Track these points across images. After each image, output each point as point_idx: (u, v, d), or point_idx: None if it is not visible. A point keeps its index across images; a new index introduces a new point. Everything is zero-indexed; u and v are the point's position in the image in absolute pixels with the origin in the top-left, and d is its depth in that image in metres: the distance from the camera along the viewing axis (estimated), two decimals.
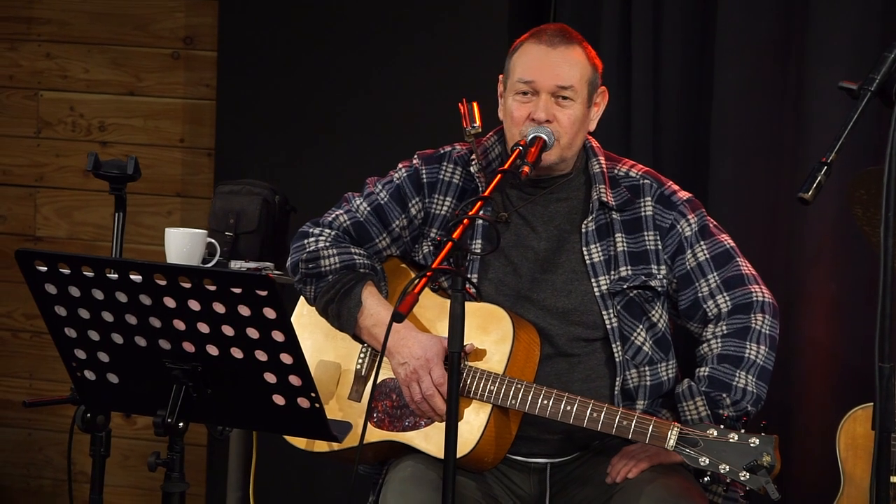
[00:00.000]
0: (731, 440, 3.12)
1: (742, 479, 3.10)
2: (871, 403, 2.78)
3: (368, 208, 3.50)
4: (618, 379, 3.38)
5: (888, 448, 2.69)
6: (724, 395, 3.32)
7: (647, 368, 3.40)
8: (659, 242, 3.42)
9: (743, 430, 3.14)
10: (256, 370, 2.78)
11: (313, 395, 2.78)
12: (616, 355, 3.38)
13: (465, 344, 3.12)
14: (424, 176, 3.50)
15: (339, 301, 3.42)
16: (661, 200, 3.45)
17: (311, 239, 3.50)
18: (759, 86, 4.37)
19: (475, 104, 3.43)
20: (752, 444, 3.11)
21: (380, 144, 4.65)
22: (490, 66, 3.55)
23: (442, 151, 3.54)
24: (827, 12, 4.27)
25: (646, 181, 3.46)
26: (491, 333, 3.33)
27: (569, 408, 3.24)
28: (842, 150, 2.69)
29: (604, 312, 3.38)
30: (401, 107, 4.70)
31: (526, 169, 3.22)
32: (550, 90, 3.34)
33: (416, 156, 3.55)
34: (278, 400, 2.80)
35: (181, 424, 2.82)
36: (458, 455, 3.10)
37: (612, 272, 3.39)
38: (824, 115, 4.24)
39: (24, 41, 5.19)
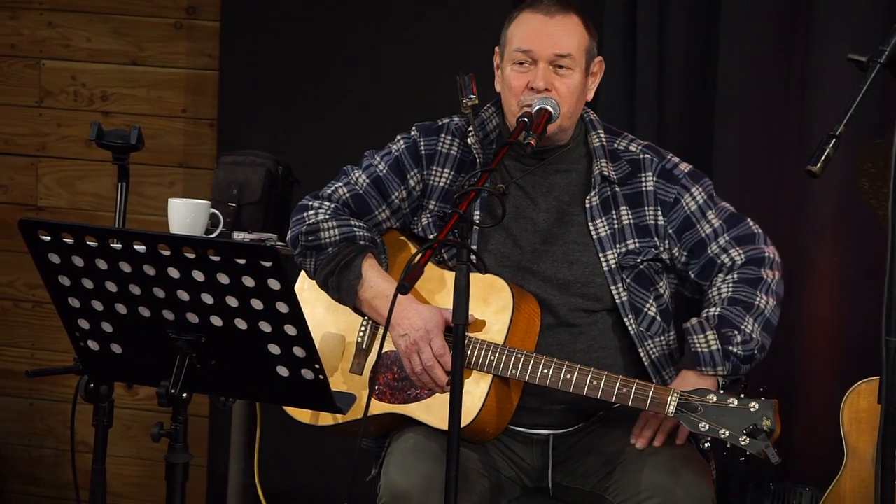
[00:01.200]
0: (730, 405, 3.12)
1: (742, 443, 3.11)
2: (875, 377, 2.78)
3: (367, 180, 3.50)
4: (640, 351, 3.39)
5: (894, 422, 2.68)
6: (735, 332, 3.32)
7: (661, 339, 3.41)
8: (661, 217, 3.42)
9: (743, 395, 3.14)
10: (260, 341, 2.77)
11: (317, 366, 2.78)
12: (630, 328, 3.38)
13: None
14: (423, 148, 3.50)
15: (338, 273, 3.41)
16: (662, 174, 3.44)
17: (311, 212, 3.49)
18: (764, 57, 4.36)
19: (472, 77, 3.42)
20: (751, 409, 3.11)
21: (383, 116, 4.63)
22: (493, 41, 3.53)
23: (440, 123, 3.54)
24: None
25: (646, 155, 3.46)
26: (491, 304, 3.33)
27: (569, 376, 3.24)
28: (850, 122, 2.67)
29: (612, 287, 3.38)
30: (404, 79, 4.69)
31: (532, 141, 3.22)
32: (549, 59, 3.34)
33: (414, 127, 3.55)
34: (282, 371, 2.80)
35: (185, 395, 2.82)
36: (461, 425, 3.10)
37: (619, 245, 3.39)
38: (830, 88, 4.22)
39: (25, 10, 5.17)
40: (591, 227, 3.40)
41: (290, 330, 2.75)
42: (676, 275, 3.47)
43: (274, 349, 2.78)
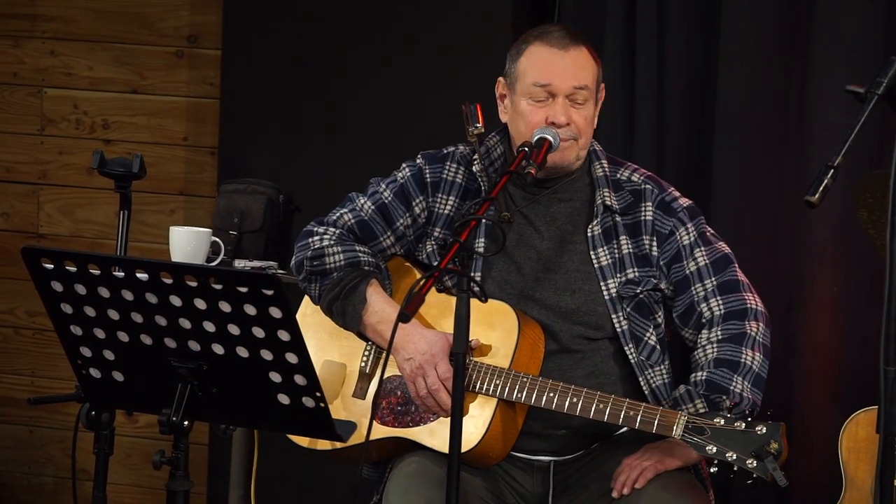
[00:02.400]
0: (738, 428, 3.13)
1: (749, 466, 3.11)
2: (874, 407, 2.78)
3: (373, 207, 3.51)
4: (641, 379, 3.40)
5: (892, 452, 2.69)
6: (724, 398, 3.33)
7: (661, 367, 3.42)
8: (655, 247, 3.44)
9: (750, 419, 3.14)
10: (262, 369, 2.78)
11: (318, 394, 2.78)
12: (631, 357, 3.39)
13: (470, 340, 3.13)
14: (428, 175, 3.51)
15: (343, 298, 3.43)
16: (661, 206, 3.46)
17: (316, 238, 3.51)
18: (763, 87, 4.38)
19: (478, 105, 3.44)
20: (759, 432, 3.12)
21: (384, 144, 4.65)
22: (494, 67, 3.55)
23: (445, 151, 3.56)
24: (831, 15, 4.27)
25: (647, 186, 3.48)
26: (496, 329, 3.34)
27: (575, 400, 3.25)
28: (848, 153, 2.69)
29: (613, 316, 3.39)
30: (405, 107, 4.71)
31: (532, 170, 3.23)
32: (567, 92, 3.36)
33: (419, 155, 3.57)
34: (283, 399, 2.80)
35: (186, 423, 2.82)
36: (464, 450, 3.12)
37: (619, 274, 3.41)
38: (828, 118, 4.24)
39: (28, 38, 5.19)
40: (593, 256, 3.42)
41: (292, 358, 2.76)
42: (666, 309, 3.49)
43: (275, 377, 2.79)
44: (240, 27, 4.88)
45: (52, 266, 2.80)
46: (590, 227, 3.43)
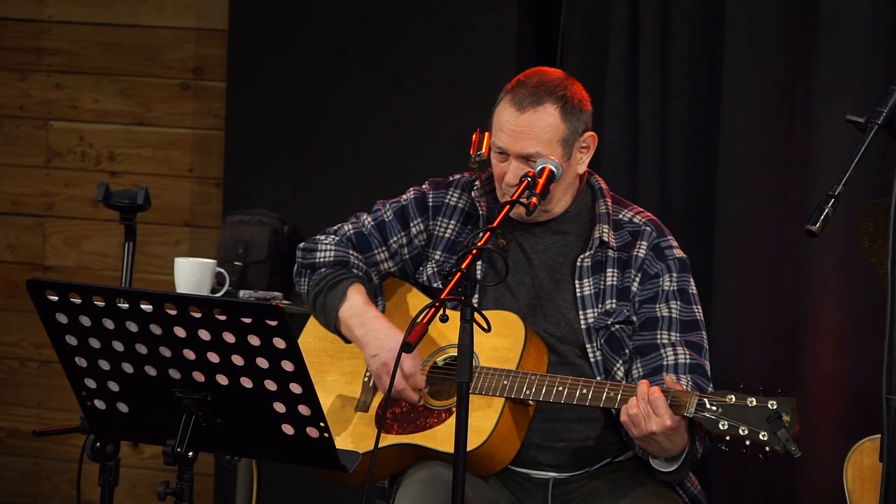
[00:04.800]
0: (749, 404, 3.13)
1: (762, 439, 3.10)
2: (879, 435, 2.78)
3: (373, 223, 3.62)
4: (613, 410, 3.40)
5: None
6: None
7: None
8: (637, 284, 3.46)
9: (761, 394, 3.14)
10: (266, 400, 2.79)
11: (322, 424, 2.79)
12: None
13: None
14: (431, 200, 3.59)
15: (325, 293, 3.53)
16: (654, 249, 3.48)
17: (315, 242, 3.64)
18: (766, 118, 4.39)
19: (487, 133, 3.47)
20: (770, 406, 3.12)
21: (387, 175, 4.66)
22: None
23: (451, 179, 3.63)
24: (833, 46, 4.28)
25: (647, 228, 3.50)
26: (504, 337, 3.38)
27: (585, 391, 3.27)
28: (849, 182, 2.70)
29: (588, 346, 3.42)
30: (408, 137, 4.72)
31: (534, 200, 3.25)
32: (517, 155, 3.38)
33: (427, 182, 3.65)
34: (287, 429, 2.81)
35: (191, 454, 2.82)
36: (470, 448, 3.16)
37: (599, 306, 3.43)
38: (831, 148, 4.25)
39: (34, 71, 5.22)
40: (577, 285, 3.45)
41: (296, 388, 2.76)
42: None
43: (279, 407, 2.79)
44: (245, 59, 4.90)
45: (56, 298, 2.81)
46: (581, 257, 3.45)
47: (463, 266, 3.02)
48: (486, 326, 3.02)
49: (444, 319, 2.98)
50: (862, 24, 4.26)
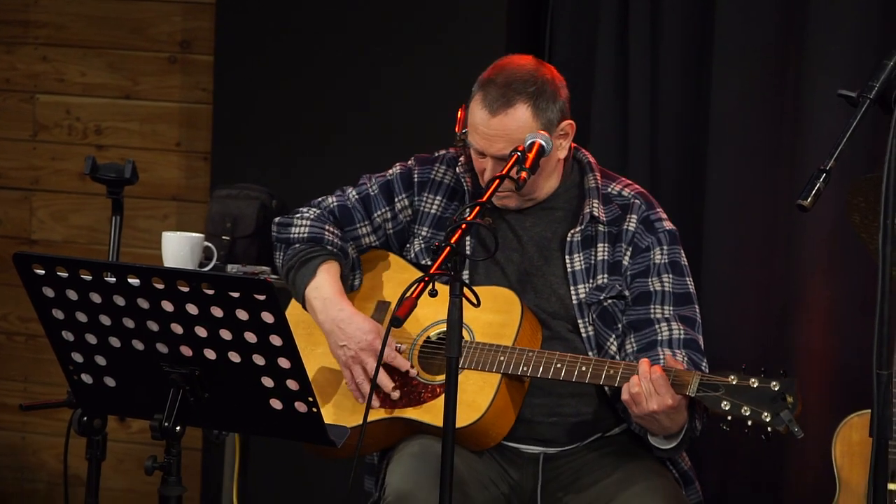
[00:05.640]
0: (752, 384, 3.13)
1: (764, 419, 3.11)
2: (867, 410, 2.78)
3: (357, 196, 3.62)
4: (607, 390, 3.40)
5: (885, 455, 2.69)
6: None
7: None
8: (628, 258, 3.45)
9: (763, 375, 3.14)
10: (254, 374, 2.78)
11: (311, 399, 2.78)
12: None
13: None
14: (416, 175, 3.58)
15: (296, 269, 3.54)
16: (644, 222, 3.47)
17: (297, 214, 3.63)
18: (756, 93, 4.38)
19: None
20: (773, 387, 3.12)
21: (376, 149, 4.64)
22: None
23: (436, 154, 3.62)
24: (824, 20, 4.27)
25: (636, 201, 3.49)
26: (499, 313, 3.38)
27: (584, 368, 3.27)
28: (840, 157, 2.69)
29: (580, 321, 3.42)
30: (398, 112, 4.71)
31: (524, 175, 3.23)
32: (495, 155, 3.37)
33: (412, 158, 3.64)
34: (276, 404, 2.80)
35: (178, 428, 2.82)
36: (466, 424, 3.20)
37: (591, 281, 3.42)
38: (822, 123, 4.24)
39: (20, 44, 5.19)
40: (567, 261, 3.44)
41: (284, 363, 2.76)
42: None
43: (267, 382, 2.78)
44: (232, 33, 4.88)
45: (43, 272, 2.80)
46: (571, 232, 3.45)
47: (452, 241, 3.01)
48: (475, 301, 3.02)
49: (434, 294, 2.97)
50: None
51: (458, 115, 3.52)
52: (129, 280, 2.76)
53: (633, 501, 3.30)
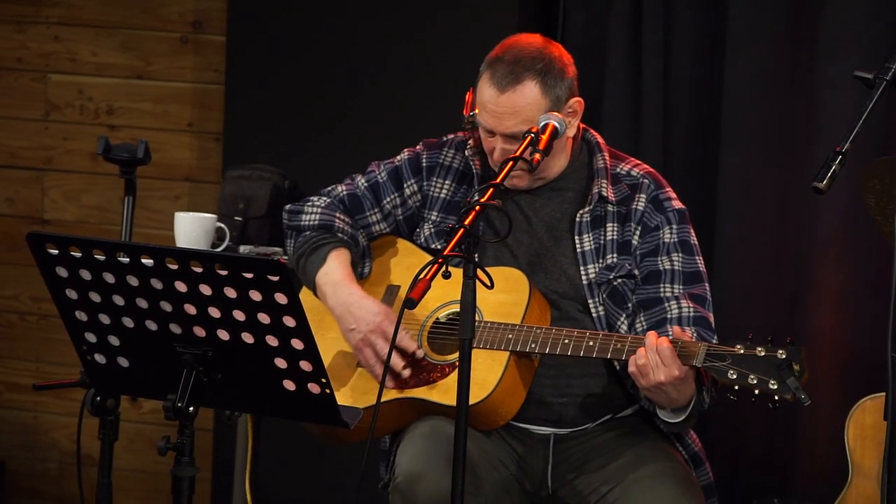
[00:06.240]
0: (758, 353, 3.13)
1: (772, 387, 3.10)
2: (880, 393, 2.78)
3: (366, 184, 3.62)
4: (616, 364, 3.40)
5: None
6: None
7: None
8: (637, 237, 3.45)
9: (770, 344, 3.14)
10: (267, 355, 2.78)
11: (324, 380, 2.78)
12: None
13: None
14: (425, 160, 3.59)
15: (307, 255, 3.55)
16: (653, 201, 3.47)
17: (308, 202, 3.64)
18: (770, 75, 4.37)
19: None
20: (780, 356, 3.11)
21: (388, 130, 4.64)
22: None
23: (444, 139, 3.63)
24: (838, 6, 4.26)
25: (645, 181, 3.49)
26: (508, 292, 3.38)
27: (591, 343, 3.27)
28: (856, 139, 2.68)
29: (590, 301, 3.42)
30: (410, 93, 4.70)
31: (537, 156, 3.23)
32: (505, 134, 3.37)
33: (420, 143, 3.64)
34: (289, 385, 2.80)
35: (191, 409, 2.82)
36: (475, 401, 3.18)
37: (600, 260, 3.42)
38: (835, 105, 4.24)
39: (32, 24, 5.19)
40: (577, 241, 3.45)
41: (297, 344, 2.75)
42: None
43: (280, 363, 2.78)
44: (245, 13, 4.87)
45: (56, 251, 2.80)
46: (580, 213, 3.45)
47: (466, 222, 3.01)
48: (488, 283, 3.01)
49: (447, 276, 2.97)
50: None
51: (466, 98, 3.52)
52: (143, 260, 2.76)
53: (644, 483, 3.30)
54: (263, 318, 2.74)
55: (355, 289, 3.47)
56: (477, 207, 3.05)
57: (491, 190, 3.13)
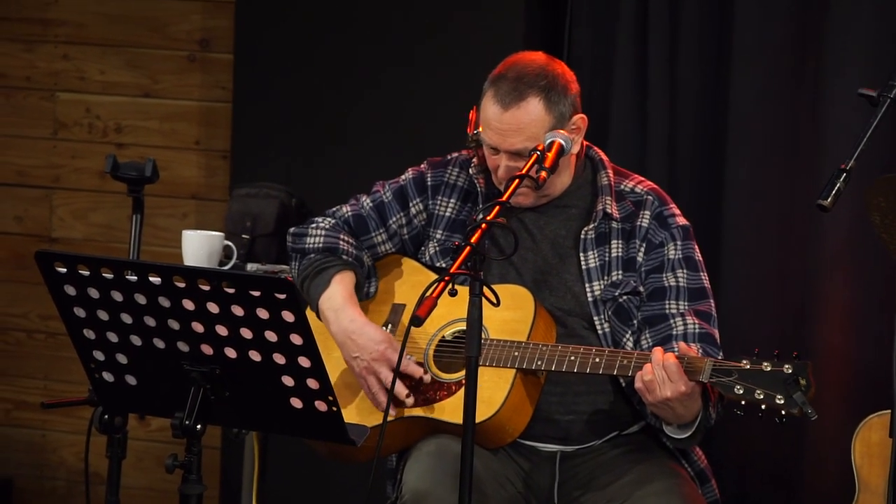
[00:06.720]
0: (765, 368, 3.13)
1: (778, 402, 3.10)
2: (887, 411, 2.78)
3: (371, 205, 3.62)
4: (621, 381, 3.40)
5: None
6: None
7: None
8: (642, 254, 3.46)
9: (776, 359, 3.14)
10: (274, 373, 2.79)
11: (331, 398, 2.79)
12: None
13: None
14: (429, 179, 3.59)
15: (311, 278, 3.55)
16: (657, 218, 3.48)
17: (313, 224, 3.63)
18: (775, 90, 4.37)
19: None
20: (786, 370, 3.11)
21: (394, 148, 4.65)
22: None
23: (449, 157, 3.64)
24: (844, 18, 4.26)
25: (649, 197, 3.50)
26: (513, 310, 3.38)
27: (597, 360, 3.28)
28: (860, 156, 2.69)
29: (595, 318, 3.43)
30: (415, 110, 4.71)
31: (543, 174, 3.24)
32: (507, 152, 3.38)
33: (425, 162, 3.65)
34: (296, 403, 2.81)
35: (199, 427, 2.83)
36: (481, 419, 3.18)
37: (605, 278, 3.43)
38: (840, 121, 4.24)
39: (40, 42, 5.20)
40: (582, 258, 3.45)
41: (304, 362, 2.76)
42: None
43: (288, 381, 2.79)
44: (251, 31, 4.88)
45: (65, 270, 2.81)
46: (584, 229, 3.45)
47: (473, 240, 3.01)
48: (495, 301, 3.02)
49: (453, 294, 2.98)
50: None
51: (470, 117, 3.53)
52: (151, 278, 2.77)
53: (650, 500, 3.30)
54: (270, 335, 2.75)
55: (357, 315, 3.47)
56: (483, 225, 3.06)
57: (497, 208, 3.14)
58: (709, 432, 3.37)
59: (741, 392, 3.14)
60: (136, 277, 2.77)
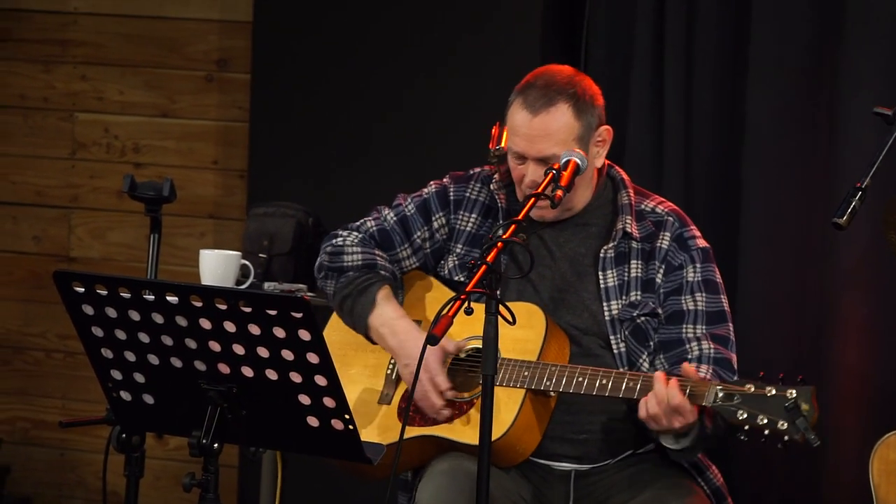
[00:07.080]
0: (768, 393, 3.12)
1: (781, 428, 3.09)
2: None
3: (395, 218, 3.62)
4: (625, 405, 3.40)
5: None
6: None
7: None
8: (661, 275, 3.46)
9: (780, 384, 3.13)
10: (291, 392, 2.79)
11: (347, 416, 2.79)
12: None
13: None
14: (452, 193, 3.60)
15: (354, 297, 3.53)
16: (678, 240, 3.48)
17: (339, 239, 3.62)
18: (791, 109, 4.37)
19: (506, 128, 3.47)
20: (789, 395, 3.11)
21: (411, 166, 4.66)
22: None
23: (471, 172, 3.64)
24: (859, 37, 4.26)
25: (669, 218, 3.50)
26: (525, 328, 3.38)
27: (605, 381, 3.27)
28: (876, 175, 2.69)
29: (611, 337, 3.43)
30: (433, 129, 4.72)
31: (559, 193, 3.25)
32: (535, 158, 3.39)
33: (447, 176, 3.66)
34: (312, 422, 2.81)
35: (216, 445, 2.83)
36: (492, 438, 3.12)
37: (623, 297, 3.43)
38: (857, 138, 4.23)
39: (59, 63, 5.23)
40: (601, 277, 3.46)
41: (321, 380, 2.77)
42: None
43: (304, 399, 2.80)
44: (268, 51, 4.90)
45: (83, 289, 2.82)
46: (604, 248, 3.46)
47: (489, 258, 3.02)
48: (510, 319, 3.02)
49: (469, 312, 2.98)
50: (888, 14, 4.25)
51: (493, 132, 3.54)
52: (168, 298, 2.78)
53: None
54: (287, 354, 2.76)
55: (412, 328, 3.47)
56: (499, 244, 3.07)
57: (514, 226, 3.15)
58: (708, 442, 3.35)
59: (744, 417, 3.13)
60: (153, 297, 2.78)
